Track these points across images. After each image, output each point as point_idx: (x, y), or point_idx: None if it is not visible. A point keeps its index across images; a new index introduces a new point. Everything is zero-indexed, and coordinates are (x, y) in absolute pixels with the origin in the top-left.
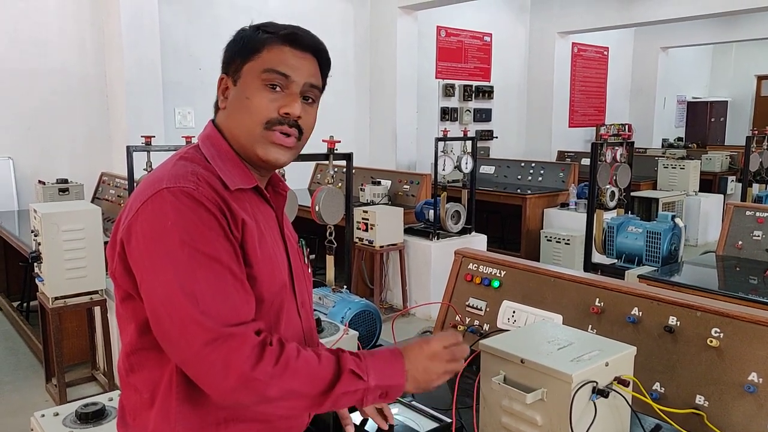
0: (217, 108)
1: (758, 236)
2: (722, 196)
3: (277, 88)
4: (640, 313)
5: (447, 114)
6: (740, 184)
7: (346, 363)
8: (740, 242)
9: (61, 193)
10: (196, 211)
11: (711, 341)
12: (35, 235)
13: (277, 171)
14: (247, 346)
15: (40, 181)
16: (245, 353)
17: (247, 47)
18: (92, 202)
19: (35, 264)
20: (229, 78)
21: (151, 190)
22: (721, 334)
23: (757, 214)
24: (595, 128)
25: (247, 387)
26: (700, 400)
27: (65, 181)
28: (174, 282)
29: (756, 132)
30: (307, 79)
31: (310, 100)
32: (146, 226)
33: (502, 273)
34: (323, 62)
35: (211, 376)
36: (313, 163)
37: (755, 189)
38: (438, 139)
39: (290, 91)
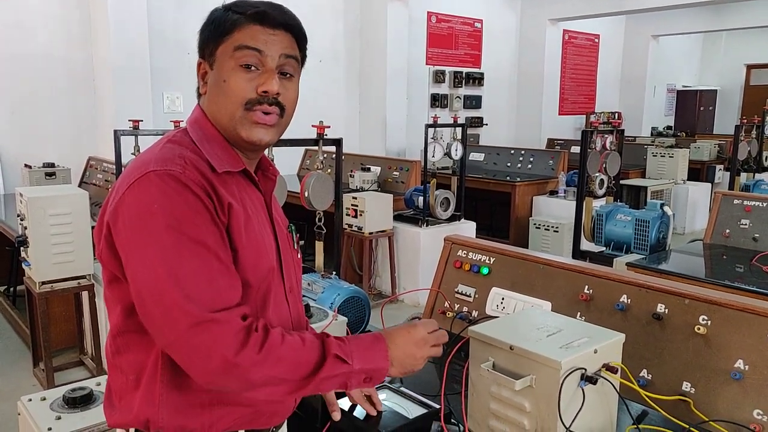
0: (199, 93)
1: (745, 225)
2: (710, 184)
3: (252, 68)
4: (629, 300)
5: (437, 100)
6: (728, 173)
7: (331, 347)
8: (728, 230)
9: (47, 177)
10: (182, 195)
11: (698, 329)
12: (21, 220)
13: (266, 154)
14: (231, 331)
15: (26, 165)
16: (229, 339)
17: (218, 29)
18: (79, 186)
19: (22, 248)
20: (206, 62)
21: (138, 173)
22: (709, 322)
23: (745, 202)
24: (585, 116)
25: (230, 373)
26: (686, 386)
27: (52, 165)
28: (159, 266)
29: (745, 121)
30: (282, 50)
31: (289, 75)
32: (132, 209)
33: (492, 260)
34: (298, 36)
35: (194, 360)
36: (302, 149)
37: (743, 178)
38: (428, 126)
39: (266, 68)
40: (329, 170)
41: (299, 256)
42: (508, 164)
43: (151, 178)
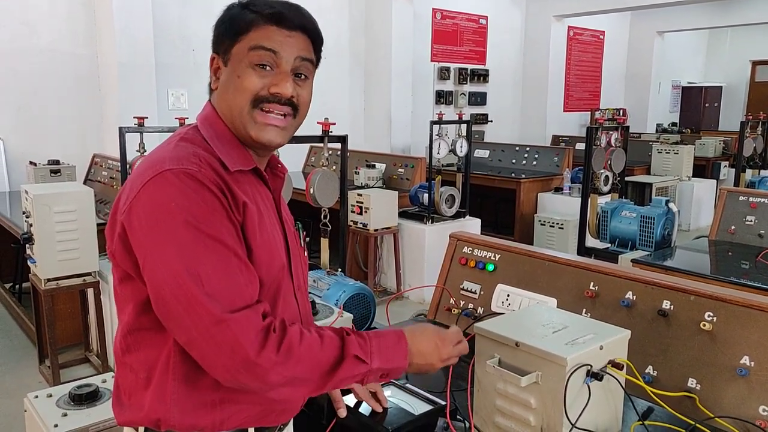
0: (211, 88)
1: (751, 221)
2: (715, 181)
3: (267, 68)
4: (634, 297)
5: (442, 97)
6: (733, 170)
7: (350, 348)
8: (733, 227)
9: (52, 174)
10: (199, 193)
11: (704, 325)
12: (27, 217)
13: (274, 152)
14: (252, 330)
15: (31, 162)
16: (250, 338)
17: (234, 27)
18: (84, 183)
19: (27, 246)
20: (219, 58)
21: (153, 171)
22: (714, 318)
23: (750, 199)
24: (590, 113)
25: (251, 372)
26: (692, 383)
27: (57, 162)
28: (178, 263)
29: (750, 117)
30: (298, 53)
31: (303, 77)
32: (149, 208)
33: (497, 257)
34: (314, 38)
35: (217, 357)
36: (307, 146)
37: (748, 174)
38: (433, 123)
39: (280, 69)
40: (334, 167)
41: (305, 253)
42: (513, 161)
43: (167, 176)
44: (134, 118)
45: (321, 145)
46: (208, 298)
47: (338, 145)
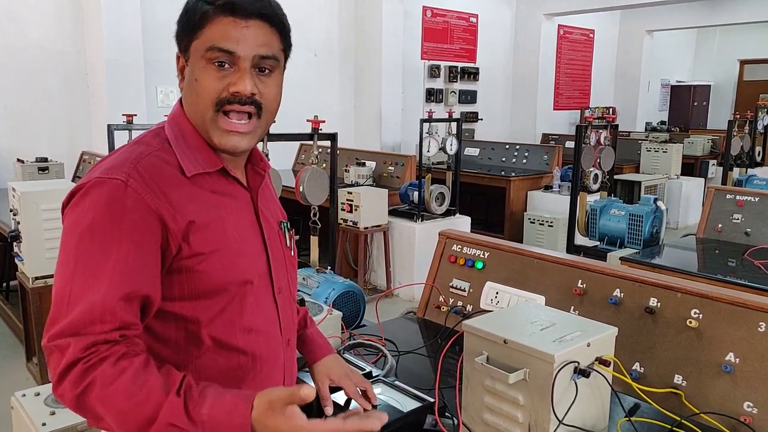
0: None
1: (738, 219)
2: (703, 179)
3: (225, 65)
4: (622, 294)
5: (432, 95)
6: (721, 168)
7: (167, 413)
8: (720, 225)
9: (40, 171)
10: (109, 207)
11: (690, 322)
12: (14, 215)
13: (260, 148)
14: (62, 363)
15: (18, 160)
16: (58, 369)
17: (190, 23)
18: (73, 181)
19: (15, 243)
20: (182, 56)
21: (88, 178)
22: (701, 315)
23: (737, 197)
24: (579, 111)
25: (63, 401)
26: (678, 379)
27: (45, 159)
28: (58, 280)
29: (738, 116)
30: (256, 50)
31: (267, 71)
32: (67, 218)
33: (486, 254)
34: (277, 25)
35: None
36: (297, 144)
37: (735, 173)
38: (423, 121)
39: (238, 67)
40: (324, 165)
41: (293, 253)
42: (503, 159)
43: (90, 187)
44: (123, 115)
45: (311, 142)
46: (52, 321)
47: (328, 143)
